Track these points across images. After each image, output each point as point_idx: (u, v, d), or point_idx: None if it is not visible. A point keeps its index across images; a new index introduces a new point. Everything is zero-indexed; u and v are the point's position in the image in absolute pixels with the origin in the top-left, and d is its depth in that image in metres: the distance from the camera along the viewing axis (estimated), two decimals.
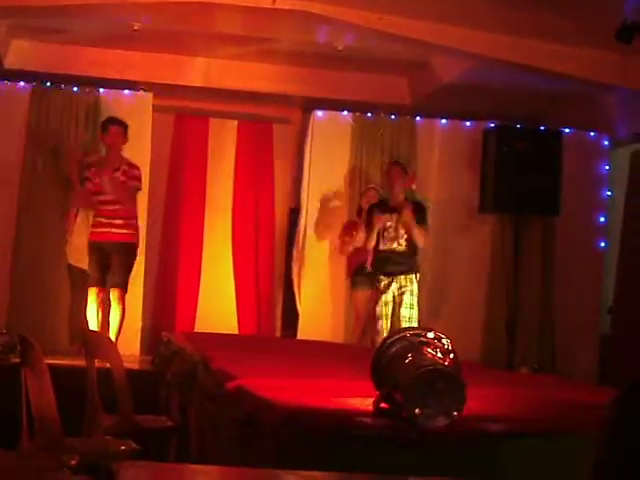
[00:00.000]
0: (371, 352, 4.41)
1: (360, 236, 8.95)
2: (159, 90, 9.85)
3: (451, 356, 4.07)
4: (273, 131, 10.57)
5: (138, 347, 9.57)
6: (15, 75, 9.58)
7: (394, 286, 8.72)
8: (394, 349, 4.06)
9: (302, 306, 10.10)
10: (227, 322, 10.19)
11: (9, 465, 3.90)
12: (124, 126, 8.66)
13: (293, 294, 10.18)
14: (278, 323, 10.46)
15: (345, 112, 10.27)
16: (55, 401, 4.41)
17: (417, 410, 3.73)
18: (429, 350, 4.03)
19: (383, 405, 3.99)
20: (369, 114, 10.31)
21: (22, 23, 9.02)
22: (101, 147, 8.97)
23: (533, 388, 5.78)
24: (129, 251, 8.65)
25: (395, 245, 8.75)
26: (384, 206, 8.85)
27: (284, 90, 10.07)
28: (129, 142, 8.82)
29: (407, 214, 8.71)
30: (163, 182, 10.28)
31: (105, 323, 8.65)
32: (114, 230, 8.54)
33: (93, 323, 8.57)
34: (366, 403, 4.09)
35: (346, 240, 9.54)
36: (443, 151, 10.37)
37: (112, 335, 8.44)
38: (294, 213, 10.43)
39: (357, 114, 10.30)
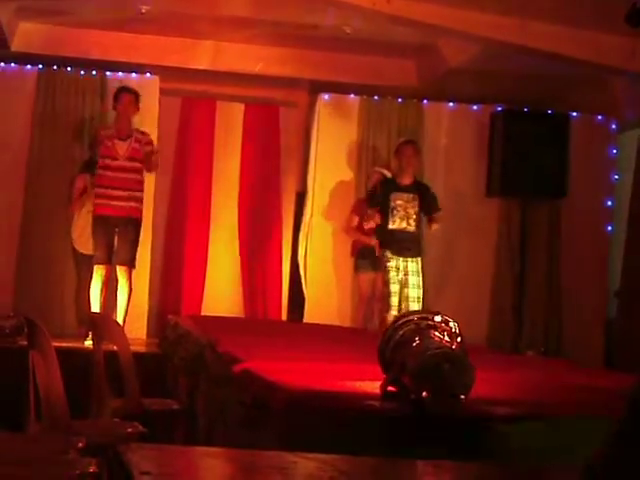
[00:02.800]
0: (378, 335, 4.41)
1: (376, 217, 8.85)
2: (166, 73, 9.83)
3: (458, 339, 4.08)
4: (280, 114, 10.54)
5: (145, 330, 9.58)
6: (22, 58, 9.57)
7: (401, 266, 8.71)
8: (401, 332, 4.06)
9: (308, 290, 10.11)
10: (233, 305, 10.20)
11: (16, 447, 3.91)
12: (136, 95, 8.69)
13: (299, 278, 10.19)
14: (284, 306, 10.46)
15: (352, 95, 10.25)
16: (62, 384, 4.42)
17: (424, 393, 3.73)
18: (436, 333, 4.03)
19: (391, 388, 3.99)
20: (376, 97, 10.29)
21: (29, 6, 9.00)
22: (111, 117, 9.00)
23: (539, 372, 5.79)
24: (134, 226, 8.63)
25: (405, 225, 8.70)
26: (395, 184, 8.81)
27: (291, 73, 10.05)
28: (137, 125, 8.79)
29: (414, 199, 8.71)
30: (170, 165, 10.26)
31: (109, 302, 8.62)
32: (120, 203, 8.51)
33: (97, 302, 8.54)
34: (373, 386, 4.10)
35: (355, 219, 9.56)
36: (450, 134, 10.35)
37: (120, 314, 8.43)
38: (301, 196, 10.42)
39: (364, 97, 10.28)
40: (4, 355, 7.27)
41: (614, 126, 10.49)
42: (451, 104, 10.38)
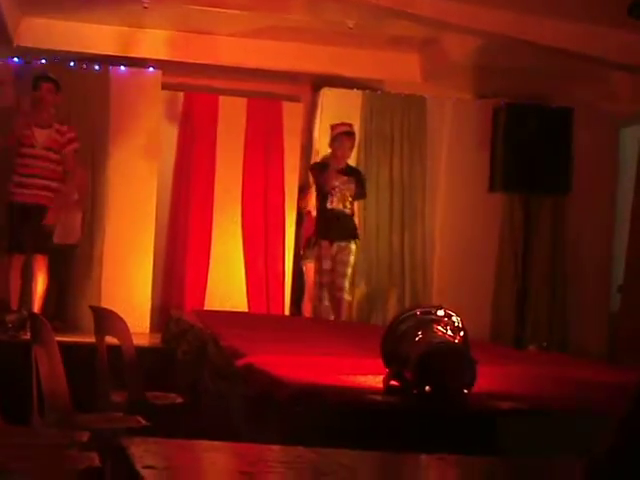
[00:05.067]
0: (381, 330, 4.41)
1: (312, 199, 9.21)
2: (169, 68, 9.83)
3: (461, 334, 4.07)
4: (283, 109, 10.54)
5: (148, 324, 9.60)
6: (25, 52, 9.56)
7: (333, 252, 8.84)
8: (404, 326, 4.06)
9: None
10: (237, 300, 10.21)
11: (20, 441, 3.92)
12: (55, 83, 8.56)
13: (302, 272, 10.18)
14: (287, 301, 10.46)
15: (355, 89, 10.25)
16: (65, 378, 4.43)
17: (427, 387, 3.73)
18: (439, 328, 4.03)
19: (393, 382, 3.99)
20: (379, 91, 10.29)
21: (33, 0, 9.00)
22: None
23: (542, 366, 5.78)
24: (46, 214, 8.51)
25: (341, 206, 8.89)
26: (333, 167, 8.99)
27: (294, 67, 10.05)
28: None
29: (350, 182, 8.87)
30: (172, 160, 10.26)
31: (23, 291, 8.47)
32: (34, 191, 8.34)
33: (14, 293, 8.41)
34: (376, 380, 4.10)
35: (301, 204, 9.73)
36: (453, 129, 10.35)
37: (37, 305, 8.26)
38: (303, 191, 10.41)
39: (367, 91, 10.27)
40: (7, 349, 7.30)
41: (617, 121, 10.48)
42: (454, 98, 10.37)
